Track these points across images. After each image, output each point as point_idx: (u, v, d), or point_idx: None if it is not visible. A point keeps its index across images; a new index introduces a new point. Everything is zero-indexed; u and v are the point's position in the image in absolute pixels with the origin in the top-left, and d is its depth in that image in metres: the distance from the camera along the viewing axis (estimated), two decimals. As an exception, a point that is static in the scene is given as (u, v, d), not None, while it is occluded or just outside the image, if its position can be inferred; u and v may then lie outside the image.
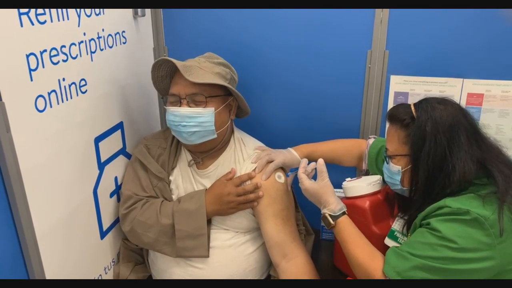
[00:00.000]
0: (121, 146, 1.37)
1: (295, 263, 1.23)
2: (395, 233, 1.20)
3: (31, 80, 0.94)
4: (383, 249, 1.28)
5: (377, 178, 1.36)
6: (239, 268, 1.28)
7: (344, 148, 1.41)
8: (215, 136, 1.23)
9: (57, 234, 1.08)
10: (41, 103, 0.98)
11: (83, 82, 1.13)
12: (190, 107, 1.20)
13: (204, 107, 1.20)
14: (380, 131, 1.51)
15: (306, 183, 1.18)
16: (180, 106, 1.20)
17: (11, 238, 0.95)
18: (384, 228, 1.29)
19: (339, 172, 1.53)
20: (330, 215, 1.13)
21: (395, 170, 1.08)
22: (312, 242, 1.51)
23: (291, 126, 1.59)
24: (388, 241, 1.21)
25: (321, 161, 1.20)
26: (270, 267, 1.36)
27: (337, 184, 1.42)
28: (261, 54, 1.51)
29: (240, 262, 1.29)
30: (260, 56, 1.52)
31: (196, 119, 1.18)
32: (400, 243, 1.16)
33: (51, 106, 1.01)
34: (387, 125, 1.12)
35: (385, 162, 1.13)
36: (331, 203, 1.14)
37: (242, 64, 1.40)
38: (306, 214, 1.52)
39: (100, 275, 1.30)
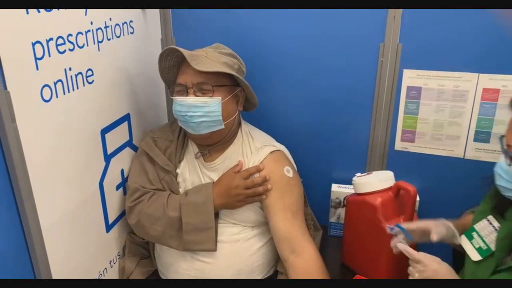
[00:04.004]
0: (127, 138, 1.35)
1: (303, 258, 1.20)
2: (473, 232, 1.08)
3: (37, 69, 0.92)
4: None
5: (388, 174, 1.33)
6: (246, 263, 1.26)
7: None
8: (223, 126, 1.20)
9: (63, 227, 1.06)
10: (47, 93, 0.96)
11: (89, 72, 1.11)
12: (196, 96, 1.18)
13: (211, 96, 1.17)
14: (391, 127, 1.47)
15: (432, 267, 0.99)
16: (186, 96, 1.18)
17: (16, 230, 0.94)
18: (393, 225, 1.26)
19: (347, 167, 1.50)
20: None
21: None
22: (320, 238, 1.49)
23: (300, 120, 1.56)
24: (463, 240, 1.10)
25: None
26: (278, 262, 1.34)
27: (347, 180, 1.40)
28: (270, 47, 1.48)
29: (248, 257, 1.27)
30: (268, 49, 1.48)
31: (203, 109, 1.16)
32: (473, 244, 1.07)
33: (57, 96, 0.99)
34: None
35: (501, 161, 0.96)
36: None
37: (250, 57, 1.37)
38: (313, 210, 1.50)
39: (106, 268, 1.29)
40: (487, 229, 1.05)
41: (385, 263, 1.29)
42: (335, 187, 1.58)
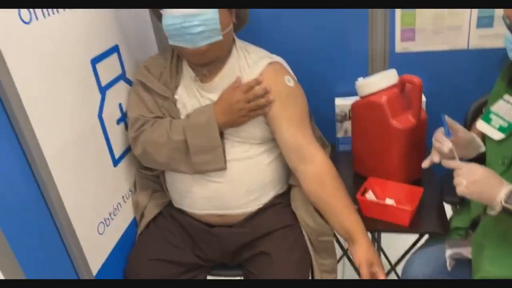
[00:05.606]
0: (120, 71, 1.31)
1: (313, 164, 1.19)
2: (490, 114, 1.06)
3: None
4: (407, 140, 1.23)
5: (391, 72, 1.30)
6: (257, 179, 1.26)
7: None
8: (221, 37, 1.14)
9: (68, 155, 1.05)
10: (25, 15, 0.91)
11: (68, -3, 1.06)
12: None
13: None
14: (389, 27, 1.42)
15: (480, 169, 0.94)
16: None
17: (19, 162, 0.93)
18: (403, 121, 1.24)
19: (349, 79, 1.45)
20: None
21: None
22: (329, 154, 1.47)
23: (296, 35, 1.51)
24: (480, 124, 1.08)
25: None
26: (289, 177, 1.33)
27: (351, 93, 1.35)
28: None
29: (258, 173, 1.26)
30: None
31: (199, 17, 1.09)
32: (493, 126, 1.05)
33: (37, 19, 0.94)
34: None
35: (507, 35, 0.94)
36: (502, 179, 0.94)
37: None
38: (320, 129, 1.47)
39: (119, 203, 1.29)
40: (505, 107, 1.04)
41: (396, 161, 1.28)
42: (338, 101, 1.55)
